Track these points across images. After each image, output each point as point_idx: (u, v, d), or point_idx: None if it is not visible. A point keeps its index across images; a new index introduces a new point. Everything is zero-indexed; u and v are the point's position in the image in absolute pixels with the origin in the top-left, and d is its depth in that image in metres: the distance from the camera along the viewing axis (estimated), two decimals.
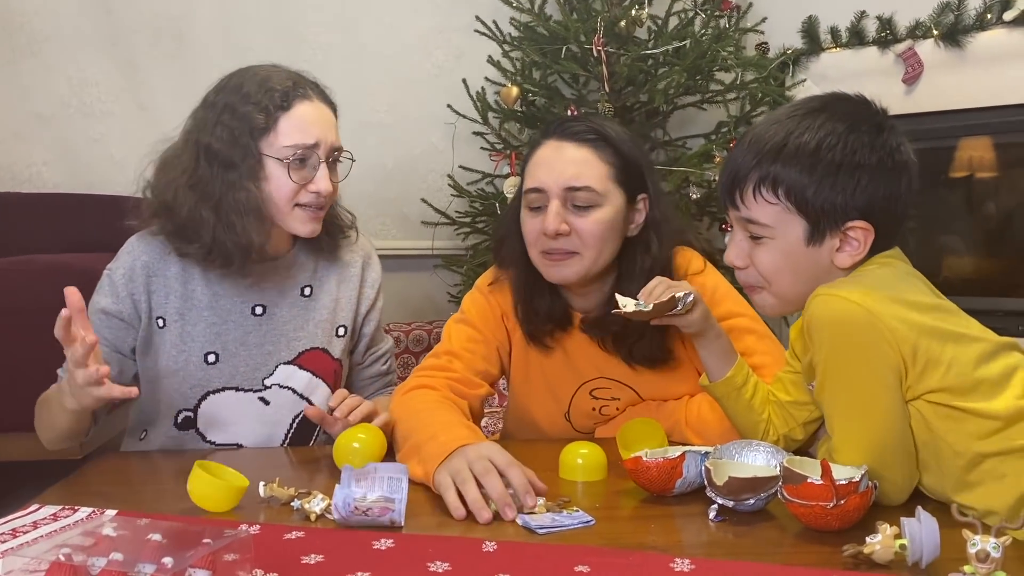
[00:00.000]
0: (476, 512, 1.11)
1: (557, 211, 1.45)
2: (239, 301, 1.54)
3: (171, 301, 1.51)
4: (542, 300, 1.54)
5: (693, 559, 0.97)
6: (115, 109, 3.23)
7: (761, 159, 1.16)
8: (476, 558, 0.98)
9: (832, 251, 1.16)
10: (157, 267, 1.51)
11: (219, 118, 1.45)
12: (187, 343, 1.51)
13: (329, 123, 1.49)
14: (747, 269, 1.22)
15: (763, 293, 1.23)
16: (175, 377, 1.50)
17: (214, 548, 0.82)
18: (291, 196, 1.46)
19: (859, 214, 1.14)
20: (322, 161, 1.46)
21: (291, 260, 1.59)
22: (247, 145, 1.44)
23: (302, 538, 1.05)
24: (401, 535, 1.06)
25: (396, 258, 3.33)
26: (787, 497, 1.07)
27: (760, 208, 1.17)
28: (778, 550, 1.04)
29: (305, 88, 1.48)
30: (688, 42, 2.74)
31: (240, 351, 1.53)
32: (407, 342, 3.25)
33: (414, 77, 3.44)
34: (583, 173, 1.45)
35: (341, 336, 1.61)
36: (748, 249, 1.21)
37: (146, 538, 0.84)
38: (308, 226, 1.50)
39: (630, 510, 1.18)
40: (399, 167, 3.47)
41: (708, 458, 1.19)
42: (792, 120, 1.17)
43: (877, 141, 1.14)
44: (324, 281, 1.61)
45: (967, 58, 2.95)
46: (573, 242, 1.46)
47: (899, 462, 1.12)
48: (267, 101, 1.44)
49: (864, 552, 0.95)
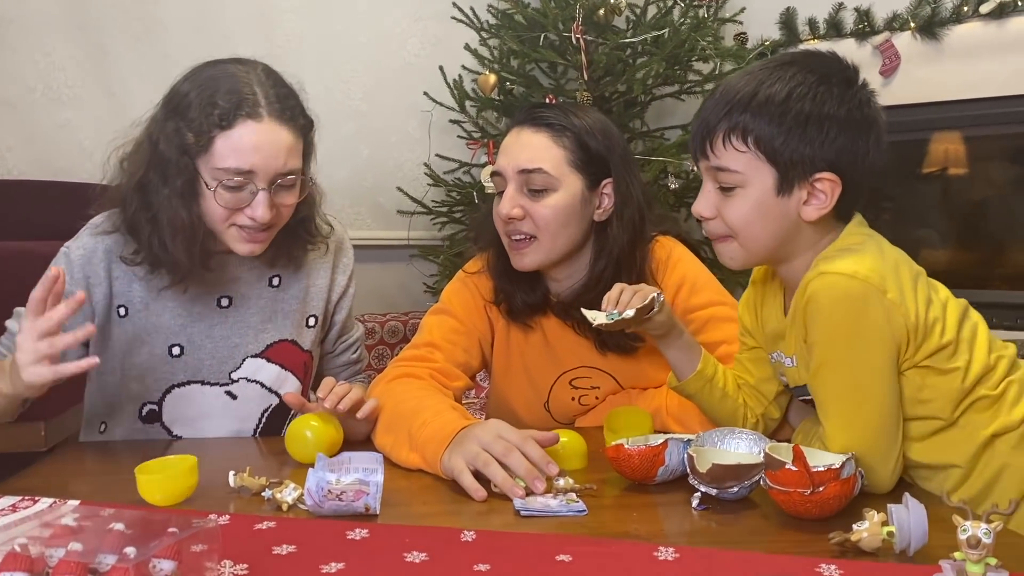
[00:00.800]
0: (509, 491, 1.11)
1: (511, 196, 1.45)
2: (205, 292, 1.47)
3: (135, 289, 1.44)
4: (521, 283, 1.53)
5: (677, 548, 0.95)
6: (83, 95, 3.16)
7: (732, 109, 1.16)
8: (454, 548, 0.95)
9: (799, 203, 1.16)
10: (121, 251, 1.43)
11: (166, 122, 1.35)
12: (151, 334, 1.44)
13: (278, 146, 1.32)
14: (715, 220, 1.21)
15: (731, 243, 1.21)
16: (138, 370, 1.44)
17: (180, 538, 0.78)
18: (225, 218, 1.35)
19: (827, 166, 1.14)
20: (261, 189, 1.32)
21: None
22: (180, 161, 1.33)
23: (273, 528, 1.01)
24: (376, 525, 1.03)
25: (371, 248, 3.29)
26: (768, 484, 1.05)
27: (730, 156, 1.16)
28: (762, 538, 1.02)
29: (255, 106, 1.31)
30: (667, 31, 2.72)
31: (206, 343, 1.47)
32: (382, 333, 3.21)
33: (390, 65, 3.39)
34: (536, 157, 1.45)
35: (311, 327, 1.56)
36: (716, 201, 1.20)
37: (108, 528, 0.80)
38: (246, 247, 1.38)
39: (611, 499, 1.15)
40: (374, 156, 3.42)
41: (690, 446, 1.16)
42: (763, 72, 1.17)
43: (847, 94, 1.14)
44: (293, 271, 1.55)
45: (944, 51, 2.97)
46: (529, 225, 1.46)
47: (892, 448, 1.12)
48: (203, 118, 1.30)
49: (851, 540, 0.93)
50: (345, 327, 1.65)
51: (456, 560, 0.92)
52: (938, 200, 3.24)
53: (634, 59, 2.89)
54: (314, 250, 1.55)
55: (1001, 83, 2.86)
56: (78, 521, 0.84)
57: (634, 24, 2.93)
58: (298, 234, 1.49)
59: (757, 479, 1.09)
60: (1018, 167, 3.04)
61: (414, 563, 0.91)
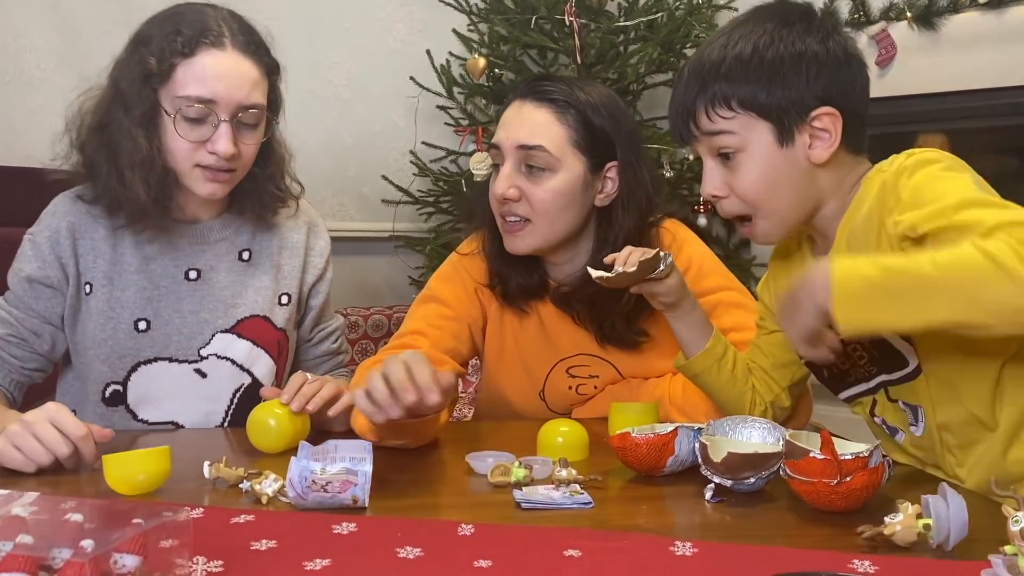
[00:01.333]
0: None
1: (508, 174, 1.37)
2: (171, 265, 1.41)
3: (99, 265, 1.38)
4: (517, 266, 1.44)
5: (695, 542, 0.87)
6: (55, 78, 3.05)
7: (704, 82, 1.12)
8: (451, 543, 0.87)
9: (805, 149, 1.11)
10: (84, 228, 1.38)
11: (129, 55, 1.33)
12: (116, 309, 1.37)
13: (241, 78, 1.31)
14: (728, 198, 1.15)
15: (754, 221, 1.15)
16: (103, 347, 1.36)
17: (145, 529, 0.69)
18: (188, 154, 1.31)
19: (819, 102, 1.10)
20: (223, 120, 1.30)
21: (226, 222, 1.46)
22: (141, 91, 1.30)
23: (252, 522, 0.93)
24: (365, 518, 0.94)
25: (355, 240, 3.20)
26: (789, 473, 0.98)
27: (721, 123, 1.12)
28: (783, 533, 0.94)
29: (220, 35, 1.31)
30: (662, 15, 2.65)
31: (173, 318, 1.39)
32: (366, 327, 3.12)
33: (375, 50, 3.30)
34: (537, 133, 1.36)
35: (285, 304, 1.48)
36: (723, 176, 1.14)
37: (64, 519, 0.71)
38: (208, 187, 1.34)
39: (617, 491, 1.07)
40: (358, 144, 3.33)
41: (701, 434, 1.09)
42: (722, 37, 1.14)
43: (811, 28, 1.11)
44: (265, 246, 1.48)
45: (941, 41, 2.91)
46: (524, 208, 1.37)
47: None
48: (166, 45, 1.29)
49: (884, 533, 0.86)
50: (323, 314, 1.57)
51: (454, 556, 0.83)
52: None
53: (627, 46, 2.82)
54: (285, 209, 1.50)
55: (999, 74, 2.81)
56: (32, 513, 0.74)
57: (626, 10, 2.86)
58: (267, 190, 1.43)
59: (776, 469, 1.02)
60: (1016, 159, 2.99)
61: (407, 559, 0.83)
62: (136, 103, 1.30)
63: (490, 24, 2.93)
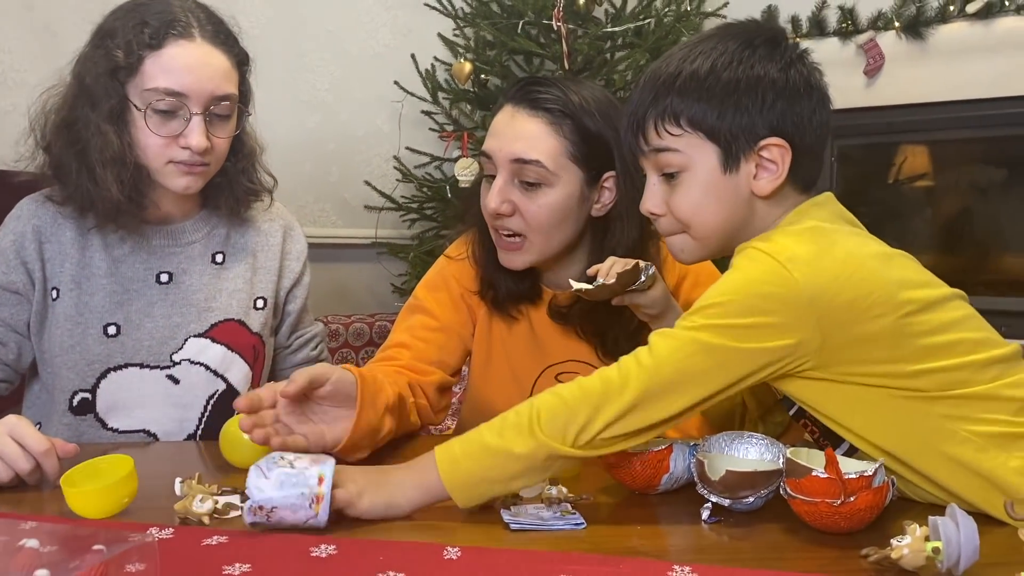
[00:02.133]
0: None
1: (500, 188, 1.31)
2: (142, 268, 1.36)
3: (66, 268, 1.32)
4: (507, 276, 1.39)
5: (694, 566, 0.82)
6: (30, 79, 2.98)
7: (657, 94, 1.06)
8: (436, 567, 0.82)
9: (749, 178, 1.05)
10: (50, 232, 1.33)
11: (93, 49, 1.28)
12: (84, 315, 1.32)
13: (212, 68, 1.27)
14: (665, 216, 1.10)
15: (682, 236, 1.11)
16: (71, 353, 1.31)
17: (107, 557, 0.64)
18: (160, 150, 1.27)
19: (770, 131, 1.04)
20: (195, 114, 1.26)
21: (199, 223, 1.41)
22: (108, 85, 1.25)
23: (224, 544, 0.87)
24: (345, 540, 0.89)
25: (336, 247, 3.15)
26: (790, 493, 0.94)
27: (668, 140, 1.06)
28: (784, 555, 0.90)
29: (188, 26, 1.27)
30: (650, 22, 2.62)
31: (144, 322, 1.34)
32: (346, 335, 3.06)
33: (358, 54, 3.26)
34: (533, 147, 1.30)
35: (260, 308, 1.43)
36: (664, 195, 1.09)
37: (19, 545, 0.65)
38: (182, 180, 1.30)
39: (609, 510, 1.03)
40: (341, 149, 3.28)
41: (697, 451, 1.04)
42: (683, 50, 1.08)
43: (774, 54, 1.05)
44: (239, 248, 1.44)
45: (929, 51, 2.91)
46: (518, 223, 1.32)
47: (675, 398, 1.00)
48: (132, 36, 1.24)
49: (891, 557, 0.81)
50: (300, 320, 1.52)
51: None
52: (921, 204, 3.18)
53: (614, 52, 2.79)
54: (258, 203, 1.46)
55: (987, 85, 2.80)
56: None
57: (614, 16, 2.83)
58: (239, 183, 1.39)
59: (775, 488, 0.98)
60: (1003, 170, 2.99)
61: None
62: (103, 98, 1.25)
63: (476, 29, 2.90)
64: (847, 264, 0.98)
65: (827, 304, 0.95)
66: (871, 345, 0.96)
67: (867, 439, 1.01)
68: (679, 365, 0.96)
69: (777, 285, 0.96)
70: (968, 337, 1.01)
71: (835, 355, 0.96)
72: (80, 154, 1.27)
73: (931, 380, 0.97)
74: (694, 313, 0.99)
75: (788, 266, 0.96)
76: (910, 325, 0.97)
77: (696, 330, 0.97)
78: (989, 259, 3.04)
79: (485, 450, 0.98)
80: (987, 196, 3.05)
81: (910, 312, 0.97)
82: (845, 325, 0.95)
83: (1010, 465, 0.97)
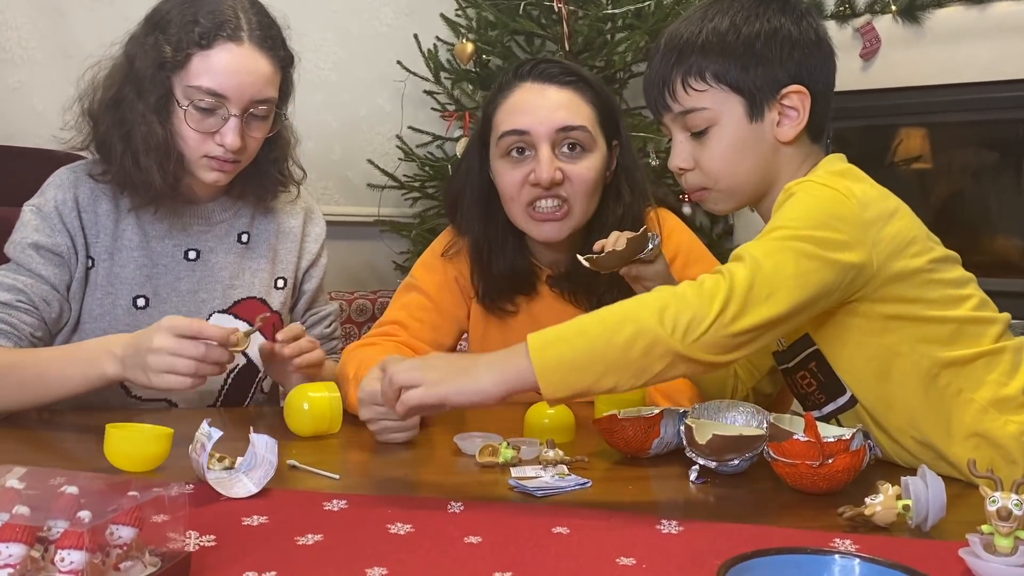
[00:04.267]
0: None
1: (550, 158, 1.35)
2: (172, 244, 1.41)
3: (102, 240, 1.37)
4: (503, 260, 1.44)
5: (681, 521, 0.88)
6: (37, 56, 3.01)
7: (680, 55, 1.14)
8: (441, 520, 0.88)
9: (773, 126, 1.13)
10: (87, 203, 1.37)
11: (145, 37, 1.31)
12: (115, 285, 1.37)
13: (255, 74, 1.30)
14: (693, 171, 1.17)
15: (710, 192, 1.17)
16: (100, 322, 1.36)
17: (141, 501, 0.70)
18: (197, 144, 1.32)
19: (790, 79, 1.11)
20: (233, 115, 1.30)
21: (226, 204, 1.46)
22: (156, 76, 1.29)
23: (244, 499, 0.93)
24: (355, 495, 0.95)
25: (339, 225, 3.18)
26: (772, 456, 1.00)
27: (694, 98, 1.13)
28: (765, 513, 0.97)
29: (238, 29, 1.30)
30: (650, 3, 2.65)
31: (171, 297, 1.40)
32: (349, 311, 3.12)
33: (361, 34, 3.28)
34: (575, 114, 1.37)
35: (281, 288, 1.50)
36: (691, 150, 1.16)
37: (59, 492, 0.71)
38: (212, 175, 1.34)
39: (602, 471, 1.08)
40: (344, 128, 3.31)
41: (686, 417, 1.10)
42: (699, 12, 1.16)
43: (787, 8, 1.13)
44: (262, 230, 1.49)
45: (925, 35, 2.93)
46: (566, 190, 1.37)
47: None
48: (183, 34, 1.28)
49: (864, 514, 0.88)
50: (316, 298, 1.58)
51: (444, 532, 0.85)
52: (916, 187, 3.22)
53: (614, 34, 2.82)
54: (284, 193, 1.50)
55: (982, 68, 2.83)
56: (24, 483, 0.75)
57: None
58: (269, 174, 1.44)
59: (759, 451, 1.04)
60: (997, 154, 3.02)
61: (398, 535, 0.84)
62: (150, 88, 1.29)
63: (478, 9, 2.93)
64: (889, 200, 1.07)
65: (878, 232, 1.03)
66: (905, 284, 1.04)
67: (872, 392, 1.09)
68: (776, 264, 0.98)
69: (841, 206, 1.03)
70: (978, 296, 1.10)
71: (877, 290, 1.03)
72: (125, 137, 1.31)
73: (947, 330, 1.06)
74: (772, 231, 1.03)
75: (845, 193, 1.04)
76: (937, 271, 1.06)
77: (782, 239, 1.01)
78: (983, 241, 3.09)
79: (581, 334, 0.93)
80: (980, 179, 3.09)
81: (936, 259, 1.06)
82: (890, 257, 1.03)
83: (1008, 430, 1.05)
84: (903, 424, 1.09)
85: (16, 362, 1.23)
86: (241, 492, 0.94)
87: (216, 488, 0.93)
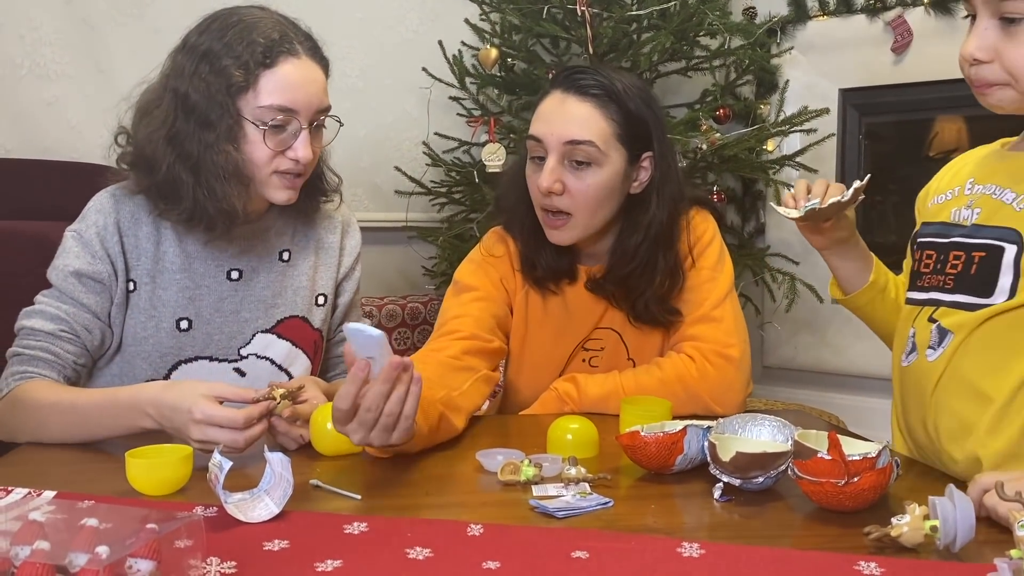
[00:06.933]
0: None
1: (552, 168, 1.40)
2: (214, 265, 1.42)
3: (143, 263, 1.38)
4: (547, 253, 1.49)
5: (702, 543, 0.87)
6: (71, 71, 3.05)
7: None
8: (460, 543, 0.88)
9: None
10: (128, 226, 1.38)
11: (197, 67, 1.31)
12: (158, 308, 1.38)
13: (316, 84, 1.34)
14: (991, 64, 1.08)
15: (1005, 89, 1.08)
16: (144, 344, 1.37)
17: (160, 534, 0.71)
18: (268, 161, 1.33)
19: None
20: (303, 128, 1.32)
21: (269, 223, 1.47)
22: (224, 103, 1.30)
23: (264, 522, 0.94)
24: (375, 518, 0.95)
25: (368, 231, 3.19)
26: (797, 473, 0.98)
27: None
28: (790, 532, 0.95)
29: (293, 43, 1.32)
30: (675, 3, 2.63)
31: (215, 318, 1.41)
32: (379, 317, 3.14)
33: (387, 41, 3.30)
34: (586, 129, 1.39)
35: (321, 305, 1.51)
36: (995, 42, 1.07)
37: (80, 524, 0.72)
38: (284, 194, 1.36)
39: (626, 489, 1.08)
40: (371, 135, 3.34)
41: (710, 432, 1.09)
42: None
43: None
44: (303, 247, 1.50)
45: (958, 27, 2.87)
46: (565, 202, 1.41)
47: None
48: (247, 55, 1.29)
49: (890, 534, 0.86)
50: (349, 313, 1.58)
51: (463, 557, 0.84)
52: None
53: (639, 34, 2.80)
54: (325, 206, 1.52)
55: None
56: (48, 515, 0.76)
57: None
58: (312, 184, 1.46)
59: (784, 468, 1.02)
60: None
61: (417, 560, 0.84)
62: (220, 118, 1.30)
63: (502, 14, 2.92)
64: None
65: None
66: None
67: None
68: None
69: None
70: None
71: None
72: (194, 169, 1.32)
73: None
74: None
75: None
76: None
77: None
78: None
79: None
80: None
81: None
82: None
83: None
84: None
85: (57, 402, 1.24)
86: (264, 514, 0.95)
87: (238, 516, 0.94)
